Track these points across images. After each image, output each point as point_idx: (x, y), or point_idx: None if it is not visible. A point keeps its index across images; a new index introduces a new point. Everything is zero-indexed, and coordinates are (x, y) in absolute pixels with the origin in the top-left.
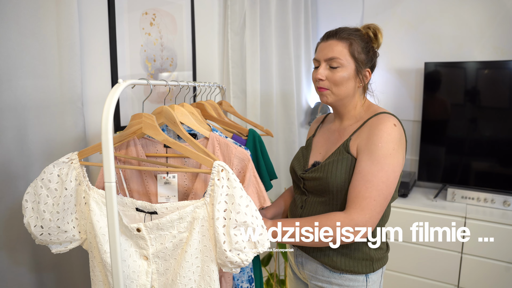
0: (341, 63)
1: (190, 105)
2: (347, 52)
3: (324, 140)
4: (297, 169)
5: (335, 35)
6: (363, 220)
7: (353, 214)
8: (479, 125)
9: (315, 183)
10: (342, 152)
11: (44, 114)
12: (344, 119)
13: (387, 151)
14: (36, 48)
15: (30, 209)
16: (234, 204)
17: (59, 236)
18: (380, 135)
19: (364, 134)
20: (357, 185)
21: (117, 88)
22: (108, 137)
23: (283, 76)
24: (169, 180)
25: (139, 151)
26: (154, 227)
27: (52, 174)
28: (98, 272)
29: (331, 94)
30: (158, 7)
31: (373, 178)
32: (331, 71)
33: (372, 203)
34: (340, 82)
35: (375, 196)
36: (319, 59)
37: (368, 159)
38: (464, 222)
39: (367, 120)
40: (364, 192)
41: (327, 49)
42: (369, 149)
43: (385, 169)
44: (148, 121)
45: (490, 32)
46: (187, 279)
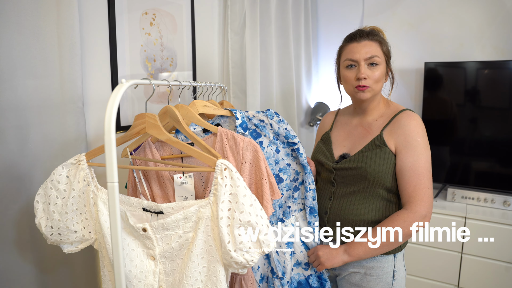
0: (379, 61)
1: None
2: (381, 51)
3: (345, 134)
4: (324, 162)
5: (367, 35)
6: (425, 209)
7: (416, 207)
8: (479, 125)
9: (350, 173)
10: (378, 146)
11: (45, 114)
12: (367, 114)
13: (425, 144)
14: (36, 48)
15: (41, 209)
16: (238, 204)
17: (69, 236)
18: (417, 131)
19: (400, 131)
20: (411, 180)
21: (120, 88)
22: (111, 137)
23: (283, 76)
24: (185, 179)
25: (154, 153)
26: (159, 227)
27: (61, 176)
28: (107, 272)
29: (371, 91)
30: (158, 7)
31: (423, 170)
32: (370, 69)
33: (428, 192)
34: (380, 79)
35: (428, 185)
36: (358, 59)
37: (413, 154)
38: (464, 222)
39: (394, 117)
40: (420, 184)
41: (365, 48)
42: (412, 145)
43: (427, 160)
44: (151, 121)
45: (490, 32)
46: (193, 279)
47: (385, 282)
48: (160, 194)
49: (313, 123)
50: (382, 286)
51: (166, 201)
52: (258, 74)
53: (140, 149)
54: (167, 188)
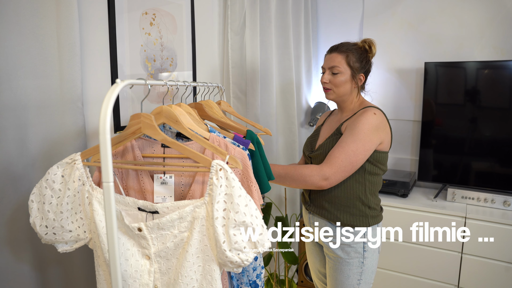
0: (340, 70)
1: (188, 105)
2: (344, 62)
3: (329, 128)
4: (305, 152)
5: (336, 49)
6: (330, 172)
7: (323, 167)
8: (479, 125)
9: (319, 158)
10: (335, 134)
11: (44, 114)
12: (343, 111)
13: (362, 130)
14: (36, 48)
15: (36, 209)
16: (233, 204)
17: (63, 235)
18: (360, 120)
19: (352, 120)
20: (334, 150)
21: (114, 88)
22: (106, 137)
23: (283, 76)
24: (166, 180)
25: (136, 155)
26: (154, 226)
27: (56, 175)
28: (102, 272)
29: (333, 93)
30: (158, 7)
31: (345, 145)
32: (333, 76)
33: (338, 162)
34: (339, 84)
35: (343, 158)
36: (324, 67)
37: (347, 134)
38: (464, 222)
39: (357, 112)
40: (336, 153)
41: (330, 60)
42: (350, 128)
43: (356, 142)
44: (146, 121)
45: (490, 32)
46: (189, 279)
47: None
48: (134, 187)
49: (313, 123)
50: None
51: (140, 195)
52: (258, 74)
53: (118, 152)
54: (144, 183)
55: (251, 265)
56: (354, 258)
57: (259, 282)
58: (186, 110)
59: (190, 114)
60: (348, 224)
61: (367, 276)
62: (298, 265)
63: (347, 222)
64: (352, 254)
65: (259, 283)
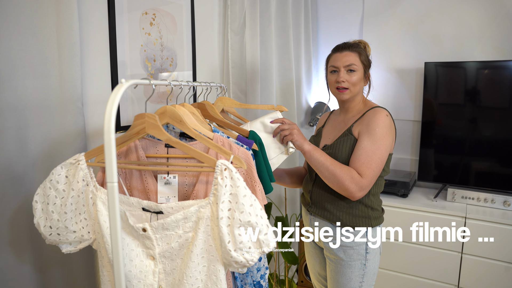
0: (356, 68)
1: (191, 105)
2: (359, 60)
3: (332, 129)
4: None
5: (348, 47)
6: (366, 184)
7: (362, 180)
8: (479, 125)
9: None
10: (347, 134)
11: (44, 114)
12: (349, 112)
13: (381, 134)
14: (36, 48)
15: (40, 209)
16: (238, 204)
17: (67, 236)
18: (377, 122)
19: (364, 122)
20: (361, 158)
21: (119, 88)
22: (110, 137)
23: (283, 76)
24: (170, 180)
25: (140, 155)
26: (159, 227)
27: (60, 175)
28: (106, 272)
29: (349, 93)
30: (158, 7)
31: (373, 155)
32: (349, 75)
33: (372, 173)
34: (356, 83)
35: (374, 168)
36: (339, 66)
37: (368, 139)
38: (464, 222)
39: (365, 112)
40: (367, 164)
41: (345, 58)
42: (369, 132)
43: (381, 149)
44: (151, 121)
45: (490, 32)
46: (193, 279)
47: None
48: (138, 187)
49: (313, 123)
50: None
51: (144, 195)
52: (258, 74)
53: (121, 153)
54: (147, 184)
55: (255, 265)
56: (356, 260)
57: (263, 282)
58: (189, 110)
59: (193, 114)
60: (350, 225)
61: (369, 278)
62: (298, 265)
63: (349, 223)
64: (354, 256)
65: (263, 283)
